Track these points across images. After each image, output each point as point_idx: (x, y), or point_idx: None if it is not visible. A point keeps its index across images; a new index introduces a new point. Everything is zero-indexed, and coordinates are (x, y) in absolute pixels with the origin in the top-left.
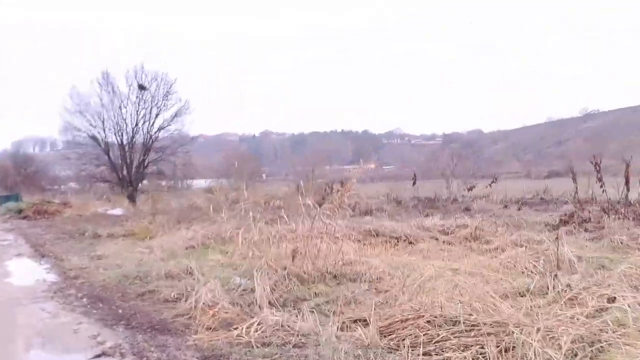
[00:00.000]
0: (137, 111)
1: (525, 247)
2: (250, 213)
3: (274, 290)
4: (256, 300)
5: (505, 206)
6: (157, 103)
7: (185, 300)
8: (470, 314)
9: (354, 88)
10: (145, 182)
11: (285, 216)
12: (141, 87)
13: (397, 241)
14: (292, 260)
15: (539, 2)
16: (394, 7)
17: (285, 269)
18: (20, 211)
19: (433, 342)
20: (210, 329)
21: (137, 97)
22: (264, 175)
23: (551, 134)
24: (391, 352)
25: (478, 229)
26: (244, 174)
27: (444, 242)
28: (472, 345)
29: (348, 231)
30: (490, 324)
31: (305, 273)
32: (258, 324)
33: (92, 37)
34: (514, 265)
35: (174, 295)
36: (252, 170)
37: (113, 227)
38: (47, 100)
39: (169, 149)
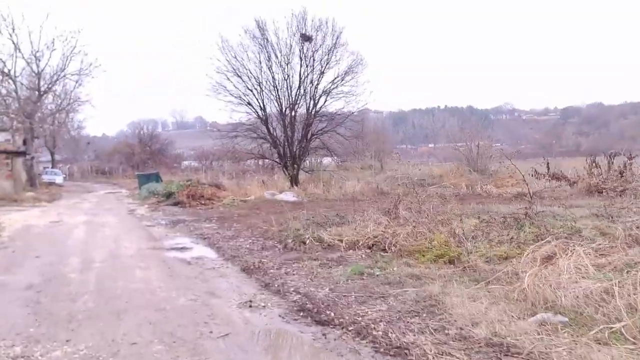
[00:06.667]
0: (300, 70)
1: None
2: None
3: None
4: None
5: None
6: (322, 58)
7: None
8: None
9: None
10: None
11: None
12: (305, 38)
13: None
14: None
15: None
16: None
17: None
18: (168, 195)
19: None
20: None
21: (300, 51)
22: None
23: None
24: None
25: None
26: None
27: None
28: None
29: None
30: None
31: None
32: None
33: None
34: None
35: None
36: (388, 148)
37: (336, 227)
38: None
39: (337, 118)
